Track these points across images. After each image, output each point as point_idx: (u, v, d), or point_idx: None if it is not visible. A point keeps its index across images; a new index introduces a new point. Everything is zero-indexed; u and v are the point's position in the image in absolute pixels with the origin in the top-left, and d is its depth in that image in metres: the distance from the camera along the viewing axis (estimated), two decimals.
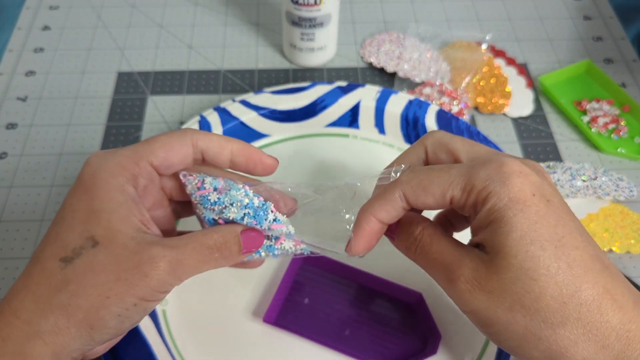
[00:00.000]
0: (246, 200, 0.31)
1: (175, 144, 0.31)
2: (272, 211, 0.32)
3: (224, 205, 0.31)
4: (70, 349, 0.27)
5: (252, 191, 0.32)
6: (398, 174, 0.32)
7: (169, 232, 0.35)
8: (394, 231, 0.32)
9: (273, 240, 0.32)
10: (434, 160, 0.32)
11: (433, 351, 0.37)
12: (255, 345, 0.38)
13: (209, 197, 0.31)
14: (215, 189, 0.32)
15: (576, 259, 0.25)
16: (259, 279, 0.41)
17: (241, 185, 0.32)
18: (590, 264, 0.26)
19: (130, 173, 0.30)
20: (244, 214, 0.31)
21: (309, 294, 0.40)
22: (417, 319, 0.39)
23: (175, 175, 0.34)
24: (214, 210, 0.31)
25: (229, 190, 0.32)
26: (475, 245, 0.28)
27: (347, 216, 0.33)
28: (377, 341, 0.38)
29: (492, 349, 0.37)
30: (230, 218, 0.31)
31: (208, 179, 0.32)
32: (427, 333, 0.38)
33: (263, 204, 0.32)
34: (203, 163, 0.33)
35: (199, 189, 0.32)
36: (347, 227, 0.32)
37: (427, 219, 0.32)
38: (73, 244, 0.27)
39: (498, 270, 0.26)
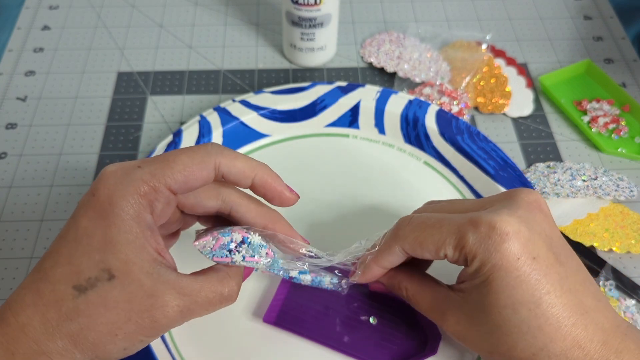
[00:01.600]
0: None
1: (196, 168, 0.29)
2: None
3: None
4: None
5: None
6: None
7: (174, 234, 0.36)
8: (380, 288, 0.38)
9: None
10: (413, 255, 0.34)
11: (433, 351, 0.37)
12: (255, 345, 0.38)
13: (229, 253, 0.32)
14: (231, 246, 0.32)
15: (549, 318, 0.28)
16: (259, 279, 0.41)
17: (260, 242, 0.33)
18: (564, 319, 0.28)
19: (147, 200, 0.28)
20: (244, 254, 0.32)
21: (309, 294, 0.40)
22: (417, 319, 0.39)
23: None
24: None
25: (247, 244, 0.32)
26: (458, 289, 0.32)
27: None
28: (377, 341, 0.38)
29: None
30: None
31: (224, 239, 0.32)
32: (427, 333, 0.38)
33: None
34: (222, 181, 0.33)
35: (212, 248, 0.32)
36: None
37: (406, 276, 0.35)
38: (88, 273, 0.27)
39: (476, 323, 0.30)
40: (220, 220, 0.35)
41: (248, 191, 0.34)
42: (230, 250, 0.32)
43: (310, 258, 0.34)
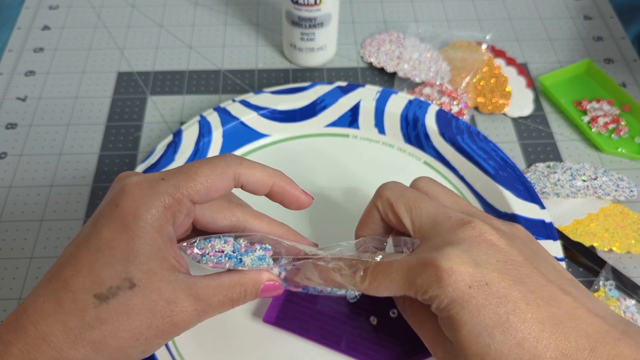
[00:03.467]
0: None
1: (217, 179, 0.30)
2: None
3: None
4: None
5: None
6: (405, 249, 0.33)
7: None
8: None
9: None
10: (386, 220, 0.35)
11: None
12: (255, 345, 0.38)
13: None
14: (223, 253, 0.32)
15: (525, 335, 0.27)
16: None
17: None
18: (540, 332, 0.27)
19: (171, 212, 0.29)
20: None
21: (309, 294, 0.40)
22: None
23: None
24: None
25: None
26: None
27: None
28: (377, 341, 0.38)
29: None
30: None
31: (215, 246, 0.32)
32: None
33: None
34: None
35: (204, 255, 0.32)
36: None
37: (412, 304, 0.34)
38: (109, 282, 0.27)
39: (459, 357, 0.29)
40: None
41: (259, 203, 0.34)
42: (225, 254, 0.32)
43: (313, 256, 0.34)
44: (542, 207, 0.43)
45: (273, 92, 0.50)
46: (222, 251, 0.32)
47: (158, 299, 0.28)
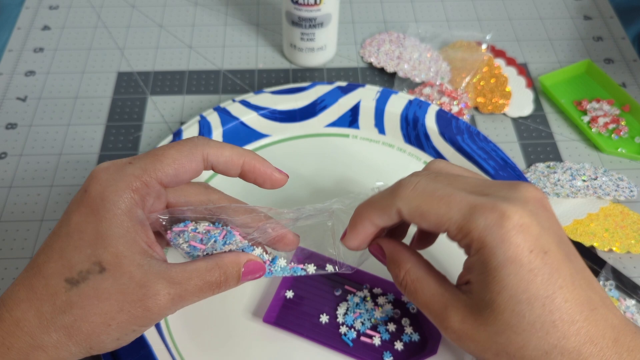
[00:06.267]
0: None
1: (185, 160, 0.30)
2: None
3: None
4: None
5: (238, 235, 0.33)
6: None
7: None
8: (380, 258, 0.34)
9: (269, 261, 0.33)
10: (414, 222, 0.31)
11: (433, 351, 0.37)
12: (255, 345, 0.38)
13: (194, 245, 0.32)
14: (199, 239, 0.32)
15: (563, 314, 0.27)
16: (259, 279, 0.41)
17: (230, 233, 0.32)
18: (577, 315, 0.27)
19: (139, 195, 0.29)
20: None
21: (309, 294, 0.40)
22: (417, 319, 0.39)
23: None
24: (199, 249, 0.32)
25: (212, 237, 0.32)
26: (463, 282, 0.30)
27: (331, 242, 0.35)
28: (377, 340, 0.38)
29: None
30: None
31: (188, 230, 0.32)
32: (427, 333, 0.38)
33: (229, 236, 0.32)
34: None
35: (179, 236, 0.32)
36: (331, 250, 0.35)
37: (412, 256, 0.32)
38: (79, 267, 0.28)
39: (485, 322, 0.28)
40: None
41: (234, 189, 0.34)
42: (200, 239, 0.32)
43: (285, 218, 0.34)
44: None
45: (273, 92, 0.50)
46: (200, 232, 0.32)
47: (129, 282, 0.28)
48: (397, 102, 0.49)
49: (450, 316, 0.29)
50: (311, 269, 0.34)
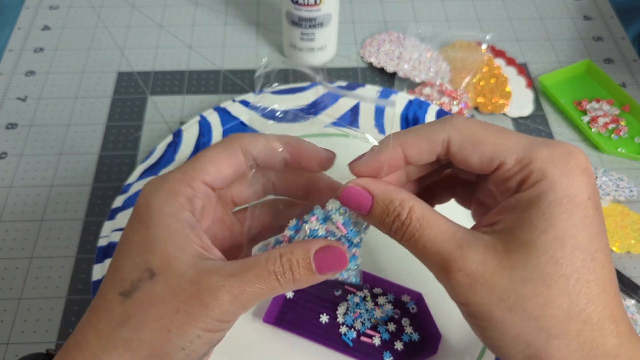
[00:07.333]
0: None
1: (223, 156, 0.29)
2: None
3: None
4: None
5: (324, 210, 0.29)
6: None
7: (237, 247, 0.33)
8: (364, 206, 0.28)
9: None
10: (457, 159, 0.27)
11: (433, 351, 0.37)
12: (255, 345, 0.38)
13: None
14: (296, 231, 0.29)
15: (599, 278, 0.24)
16: None
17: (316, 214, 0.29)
18: (608, 285, 0.24)
19: (184, 197, 0.28)
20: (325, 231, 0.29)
21: (309, 293, 0.40)
22: (417, 319, 0.39)
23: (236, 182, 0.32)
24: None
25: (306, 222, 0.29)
26: (489, 224, 0.26)
27: None
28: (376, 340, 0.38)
29: None
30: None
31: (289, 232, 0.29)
32: (427, 333, 0.38)
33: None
34: (257, 167, 0.31)
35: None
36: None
37: (411, 194, 0.27)
38: (131, 277, 0.26)
39: (512, 265, 0.24)
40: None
41: None
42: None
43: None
44: None
45: (273, 92, 0.50)
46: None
47: (180, 281, 0.26)
48: (397, 102, 0.49)
49: (466, 256, 0.25)
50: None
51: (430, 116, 0.48)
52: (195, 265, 0.26)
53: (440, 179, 0.33)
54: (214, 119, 0.48)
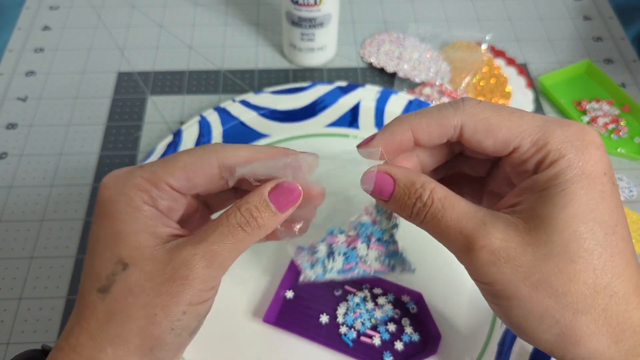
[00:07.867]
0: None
1: (197, 165, 0.29)
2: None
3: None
4: None
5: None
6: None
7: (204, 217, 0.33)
8: (385, 190, 0.28)
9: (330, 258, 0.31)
10: (469, 142, 0.27)
11: (433, 351, 0.37)
12: (255, 345, 0.38)
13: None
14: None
15: (621, 251, 0.24)
16: (259, 279, 0.41)
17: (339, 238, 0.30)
18: (631, 258, 0.24)
19: (148, 195, 0.28)
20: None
21: (309, 294, 0.40)
22: (417, 319, 0.39)
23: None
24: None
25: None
26: (508, 206, 0.26)
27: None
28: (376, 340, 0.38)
29: (492, 349, 0.37)
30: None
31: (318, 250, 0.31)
32: (427, 333, 0.38)
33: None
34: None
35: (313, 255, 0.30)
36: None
37: (431, 178, 0.27)
38: (105, 272, 0.27)
39: (535, 242, 0.24)
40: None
41: None
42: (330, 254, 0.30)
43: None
44: None
45: (273, 92, 0.50)
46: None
47: (154, 265, 0.26)
48: (397, 102, 0.49)
49: (489, 233, 0.24)
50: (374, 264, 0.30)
51: None
52: (164, 247, 0.27)
53: (449, 179, 0.33)
54: (214, 119, 0.48)
